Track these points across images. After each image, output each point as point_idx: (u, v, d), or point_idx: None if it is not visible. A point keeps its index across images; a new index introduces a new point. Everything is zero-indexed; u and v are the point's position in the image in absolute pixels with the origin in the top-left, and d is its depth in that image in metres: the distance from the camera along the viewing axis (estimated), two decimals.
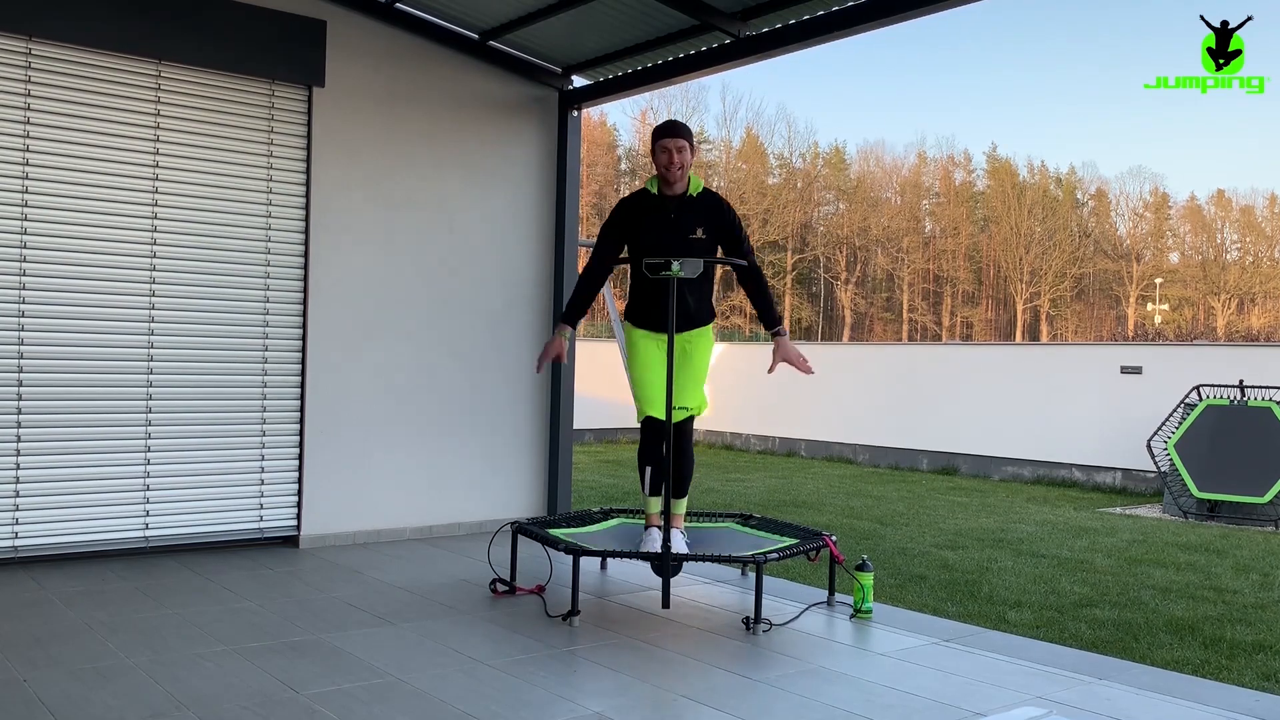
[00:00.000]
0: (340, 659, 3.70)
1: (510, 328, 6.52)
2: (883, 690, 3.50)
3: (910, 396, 13.34)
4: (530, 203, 6.60)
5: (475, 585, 4.92)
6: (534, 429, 6.62)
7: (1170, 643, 5.00)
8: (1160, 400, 10.58)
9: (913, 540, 7.65)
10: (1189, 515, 9.43)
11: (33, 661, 3.57)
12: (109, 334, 5.29)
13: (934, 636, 4.25)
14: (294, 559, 5.48)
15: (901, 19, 4.96)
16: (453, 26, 6.22)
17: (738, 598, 4.82)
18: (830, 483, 11.33)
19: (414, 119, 6.13)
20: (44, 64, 5.10)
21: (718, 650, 3.95)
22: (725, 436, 15.87)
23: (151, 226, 5.39)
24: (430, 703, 3.26)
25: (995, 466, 12.33)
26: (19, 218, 5.05)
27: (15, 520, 5.07)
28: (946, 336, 53.95)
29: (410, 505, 6.15)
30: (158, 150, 5.40)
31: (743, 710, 3.27)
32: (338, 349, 5.88)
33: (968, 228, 56.20)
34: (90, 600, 4.45)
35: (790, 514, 8.53)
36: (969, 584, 6.17)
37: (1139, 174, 73.24)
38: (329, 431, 5.86)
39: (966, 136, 74.42)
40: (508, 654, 3.81)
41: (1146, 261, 57.41)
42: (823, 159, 55.31)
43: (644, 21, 5.82)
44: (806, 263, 52.29)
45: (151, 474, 5.41)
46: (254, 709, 3.16)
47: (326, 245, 5.84)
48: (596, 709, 3.24)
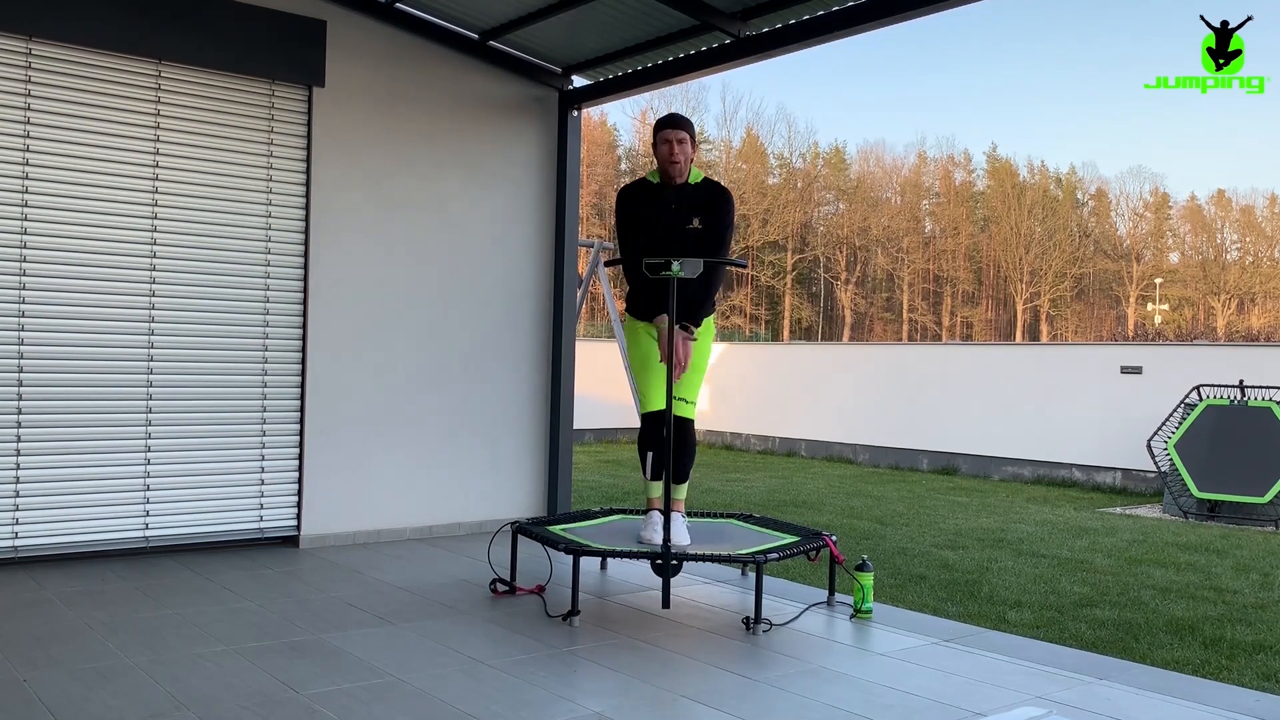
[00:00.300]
0: (340, 659, 3.70)
1: (510, 328, 6.52)
2: (883, 690, 3.50)
3: (911, 396, 13.34)
4: (530, 203, 6.60)
5: (475, 585, 4.92)
6: (534, 429, 6.63)
7: (1170, 643, 5.00)
8: (1160, 400, 10.58)
9: (913, 540, 7.65)
10: (1189, 515, 9.43)
11: (33, 661, 3.57)
12: (109, 334, 5.30)
13: (934, 636, 4.25)
14: (294, 559, 5.48)
15: (901, 19, 4.97)
16: (453, 26, 6.22)
17: (738, 598, 4.82)
18: (830, 483, 11.33)
19: (414, 119, 6.13)
20: (44, 64, 5.10)
21: (718, 650, 3.95)
22: (725, 436, 15.87)
23: (151, 226, 5.39)
24: (430, 703, 3.26)
25: (995, 466, 12.33)
26: (19, 218, 5.06)
27: (15, 520, 5.08)
28: (946, 336, 53.94)
29: (410, 505, 6.15)
30: (158, 150, 5.40)
31: (743, 710, 3.27)
32: (338, 349, 5.88)
33: (968, 228, 56.19)
34: (90, 600, 4.45)
35: (790, 514, 8.53)
36: (969, 584, 6.17)
37: (1139, 174, 73.24)
38: (329, 431, 5.86)
39: (966, 136, 74.51)
40: (508, 654, 3.81)
41: (1146, 261, 57.42)
42: (823, 159, 55.30)
43: (644, 21, 5.82)
44: (806, 263, 52.29)
45: (151, 474, 5.41)
46: (254, 709, 3.16)
47: (326, 245, 5.84)
48: (596, 709, 3.24)
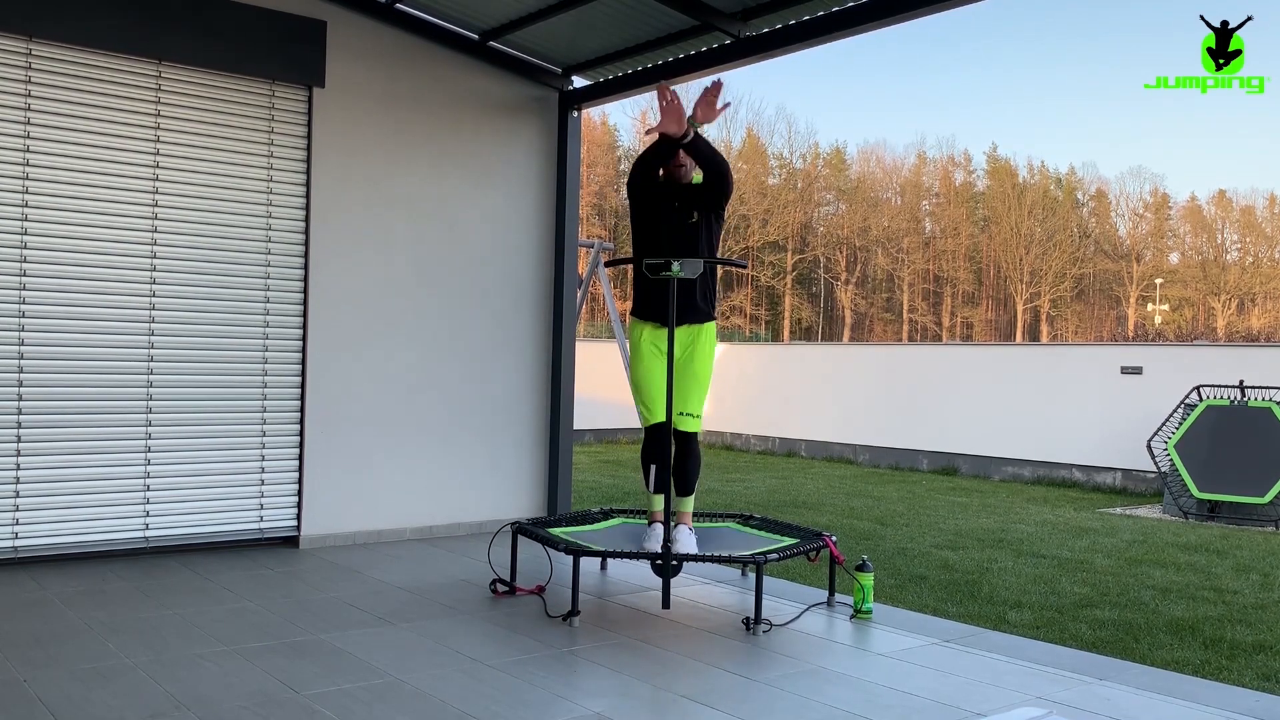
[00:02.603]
0: (340, 659, 3.70)
1: (510, 327, 6.52)
2: (883, 690, 3.50)
3: (910, 396, 13.34)
4: (530, 203, 6.60)
5: (475, 585, 4.92)
6: (534, 429, 6.62)
7: (1170, 643, 5.00)
8: (1160, 400, 10.57)
9: (913, 540, 7.65)
10: (1189, 515, 9.43)
11: (33, 661, 3.57)
12: (109, 334, 5.30)
13: (934, 637, 4.25)
14: (294, 559, 5.48)
15: (901, 19, 4.97)
16: (453, 27, 6.22)
17: (738, 598, 4.82)
18: (830, 483, 11.33)
19: (414, 119, 6.13)
20: (44, 64, 5.10)
21: (718, 650, 3.95)
22: (725, 436, 15.87)
23: (151, 226, 5.39)
24: (430, 703, 3.26)
25: (995, 466, 12.33)
26: (19, 218, 5.06)
27: (15, 520, 5.07)
28: (946, 337, 53.92)
29: (410, 505, 6.15)
30: (158, 150, 5.40)
31: (743, 710, 3.26)
32: (338, 349, 5.88)
33: (968, 228, 56.15)
34: (90, 600, 4.45)
35: (790, 514, 8.53)
36: (969, 584, 6.17)
37: (1139, 174, 73.16)
38: (329, 431, 5.86)
39: (966, 136, 74.38)
40: (508, 654, 3.81)
41: (1146, 262, 57.37)
42: (823, 159, 55.27)
43: (644, 22, 5.82)
44: (806, 263, 52.27)
45: (152, 474, 5.41)
46: (254, 709, 3.16)
47: (326, 245, 5.84)
48: (596, 709, 3.24)
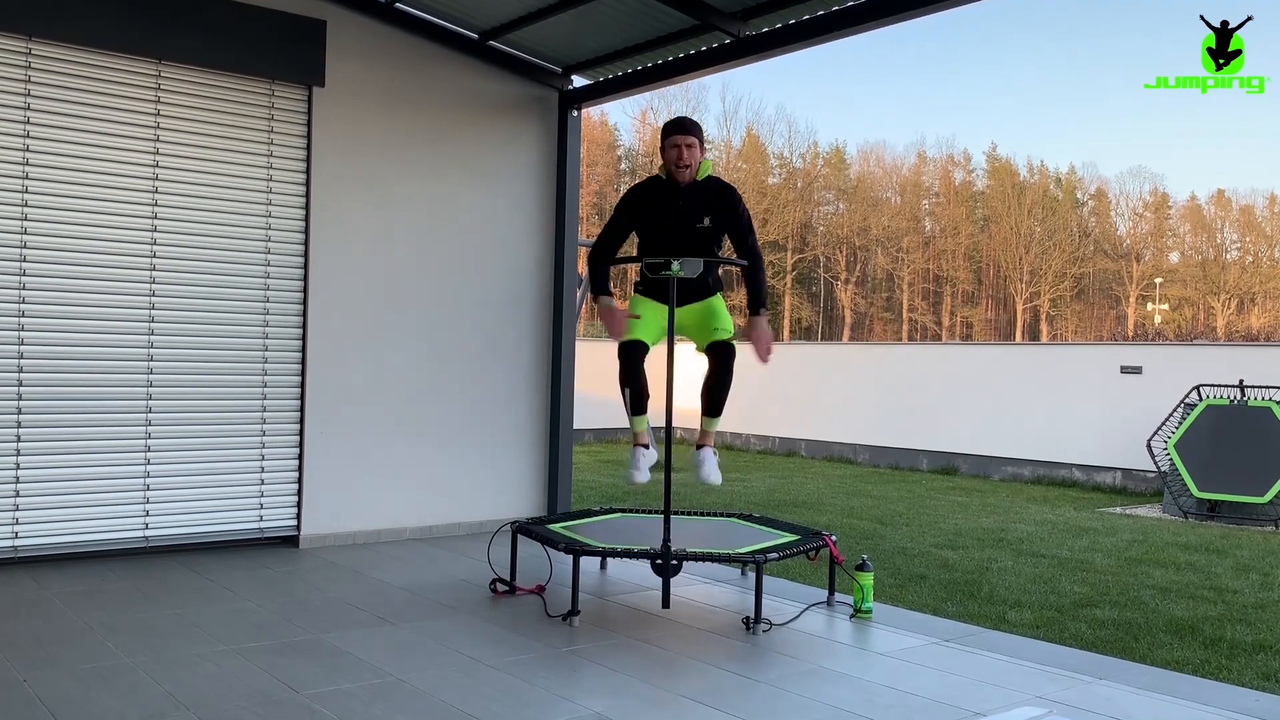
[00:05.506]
0: (340, 659, 3.70)
1: (510, 328, 6.52)
2: (883, 690, 3.50)
3: (910, 396, 13.34)
4: (530, 203, 6.60)
5: (475, 585, 4.92)
6: (534, 429, 6.62)
7: (1170, 643, 5.00)
8: (1160, 400, 10.57)
9: (913, 540, 7.65)
10: (1189, 515, 9.43)
11: (33, 661, 3.57)
12: (109, 334, 5.30)
13: (934, 636, 4.25)
14: (294, 559, 5.48)
15: (901, 19, 4.97)
16: (453, 26, 6.22)
17: (738, 598, 4.82)
18: (830, 483, 11.33)
19: (414, 119, 6.13)
20: (44, 64, 5.10)
21: (718, 650, 3.95)
22: (725, 436, 15.85)
23: (151, 226, 5.39)
24: (430, 703, 3.26)
25: (995, 466, 12.33)
26: (19, 218, 5.06)
27: (15, 520, 5.07)
28: (946, 336, 53.92)
29: (410, 505, 6.15)
30: (158, 150, 5.40)
31: (743, 710, 3.26)
32: (338, 349, 5.88)
33: (968, 228, 56.14)
34: (90, 600, 4.45)
35: (790, 514, 8.53)
36: (969, 584, 6.17)
37: (1139, 174, 73.10)
38: (329, 431, 5.86)
39: (966, 136, 74.44)
40: (508, 654, 3.81)
41: (1146, 261, 57.37)
42: (823, 159, 55.26)
43: (644, 21, 5.82)
44: (806, 263, 52.26)
45: (151, 474, 5.41)
46: (254, 709, 3.16)
47: (326, 245, 5.84)
48: (596, 709, 3.24)
